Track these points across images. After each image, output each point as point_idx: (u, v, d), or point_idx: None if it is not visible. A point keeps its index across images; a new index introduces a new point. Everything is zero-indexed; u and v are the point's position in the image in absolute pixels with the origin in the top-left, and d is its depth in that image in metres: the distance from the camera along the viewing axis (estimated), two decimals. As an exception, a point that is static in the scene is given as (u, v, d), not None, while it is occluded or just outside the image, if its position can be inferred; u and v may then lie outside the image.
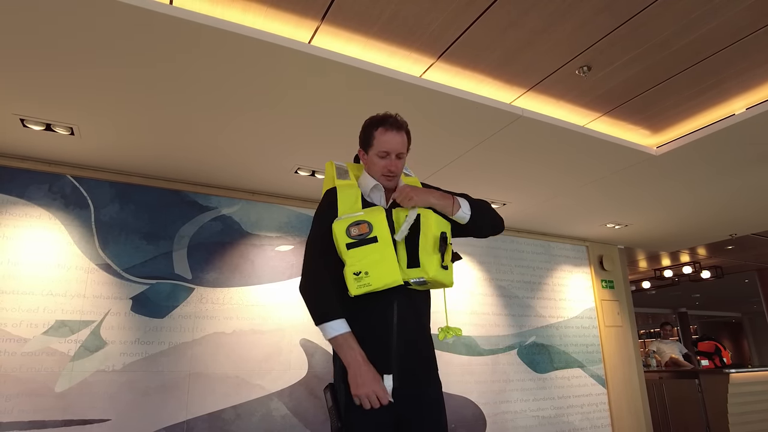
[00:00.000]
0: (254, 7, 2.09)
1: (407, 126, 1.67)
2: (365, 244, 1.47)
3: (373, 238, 1.47)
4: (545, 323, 4.87)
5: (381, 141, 1.61)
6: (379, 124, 1.63)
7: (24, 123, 2.72)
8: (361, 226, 1.48)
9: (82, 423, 2.90)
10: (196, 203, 3.60)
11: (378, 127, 1.63)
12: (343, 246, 1.47)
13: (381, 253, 1.46)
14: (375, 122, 1.65)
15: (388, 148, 1.61)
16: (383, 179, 1.64)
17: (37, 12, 1.89)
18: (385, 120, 1.63)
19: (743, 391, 5.38)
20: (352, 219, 1.50)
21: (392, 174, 1.64)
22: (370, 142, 1.64)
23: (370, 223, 1.49)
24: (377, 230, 1.49)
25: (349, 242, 1.47)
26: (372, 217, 1.51)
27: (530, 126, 2.88)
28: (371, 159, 1.65)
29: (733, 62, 2.49)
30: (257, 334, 3.51)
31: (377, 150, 1.62)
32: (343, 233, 1.48)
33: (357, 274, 1.44)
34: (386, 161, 1.62)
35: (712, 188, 3.93)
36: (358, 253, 1.46)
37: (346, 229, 1.48)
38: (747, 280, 9.05)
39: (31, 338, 2.91)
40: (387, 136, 1.61)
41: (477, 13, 2.12)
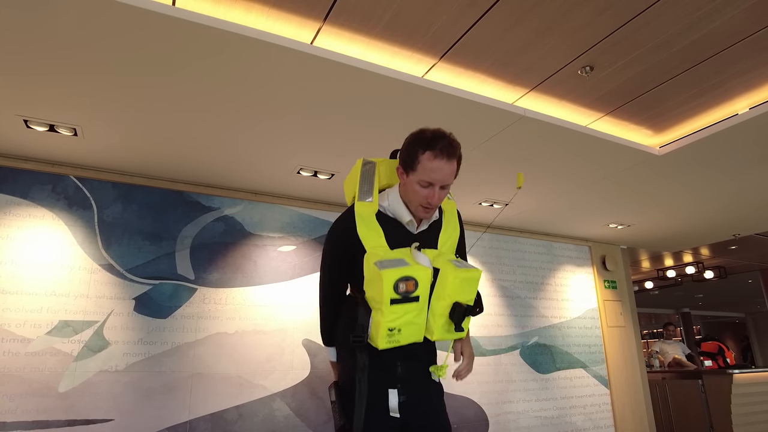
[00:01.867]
0: (257, 8, 2.09)
1: (460, 150, 1.43)
2: (408, 302, 1.36)
3: (416, 297, 1.37)
4: (548, 323, 4.86)
5: (427, 168, 1.38)
6: (428, 147, 1.38)
7: (27, 124, 2.73)
8: (408, 283, 1.34)
9: (85, 423, 2.90)
10: (199, 204, 3.61)
11: (426, 150, 1.38)
12: (386, 299, 1.33)
13: (417, 314, 1.38)
14: (423, 142, 1.39)
15: (433, 179, 1.39)
16: (420, 210, 1.45)
17: (39, 13, 1.90)
18: (434, 142, 1.38)
19: (747, 392, 5.36)
20: (402, 272, 1.33)
21: (432, 207, 1.44)
22: (412, 165, 1.40)
23: (417, 281, 1.35)
24: (421, 289, 1.37)
25: (394, 298, 1.34)
26: (420, 272, 1.36)
27: (532, 126, 2.87)
28: (410, 184, 1.42)
29: (736, 62, 2.49)
30: (260, 334, 3.52)
31: (420, 178, 1.39)
32: (390, 287, 1.33)
33: (391, 330, 1.36)
34: (428, 191, 1.40)
35: (715, 188, 3.92)
36: (399, 309, 1.35)
37: (395, 283, 1.33)
38: (750, 280, 9.02)
39: (34, 338, 2.92)
40: (435, 163, 1.37)
41: (479, 14, 2.12)
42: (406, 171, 1.44)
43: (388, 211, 1.50)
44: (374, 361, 1.42)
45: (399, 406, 1.43)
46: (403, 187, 1.48)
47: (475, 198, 4.05)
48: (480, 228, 4.77)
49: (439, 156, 1.37)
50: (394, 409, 1.44)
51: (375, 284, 1.36)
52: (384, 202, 1.51)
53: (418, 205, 1.45)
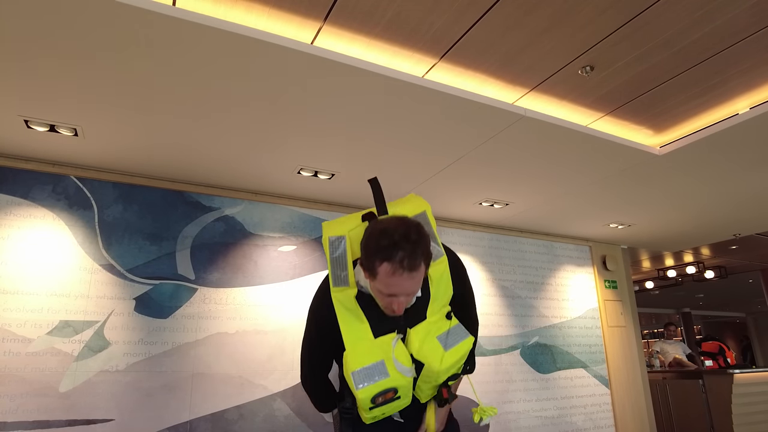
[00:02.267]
0: (257, 8, 2.09)
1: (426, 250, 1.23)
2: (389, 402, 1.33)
3: (397, 397, 1.33)
4: (548, 323, 4.86)
5: (385, 282, 1.23)
6: (386, 258, 1.19)
7: (28, 124, 2.73)
8: (387, 395, 1.29)
9: (86, 423, 2.91)
10: (200, 204, 3.61)
11: (383, 262, 1.20)
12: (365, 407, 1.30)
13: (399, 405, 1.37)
14: (381, 252, 1.20)
15: (393, 292, 1.25)
16: (386, 312, 1.34)
17: (41, 14, 1.90)
18: (393, 252, 1.19)
19: (747, 392, 5.36)
20: (378, 388, 1.27)
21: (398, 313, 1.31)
22: (372, 273, 1.24)
23: (396, 389, 1.30)
24: (402, 391, 1.32)
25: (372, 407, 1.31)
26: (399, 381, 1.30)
27: (533, 126, 2.87)
28: (374, 287, 1.29)
29: (736, 61, 2.48)
30: (260, 334, 3.52)
31: (381, 287, 1.25)
32: (368, 403, 1.29)
33: (374, 417, 1.36)
34: (391, 299, 1.27)
35: (715, 188, 3.92)
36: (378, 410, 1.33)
37: (372, 398, 1.28)
38: (751, 280, 9.01)
39: (35, 338, 2.92)
40: (393, 279, 1.21)
41: (480, 13, 2.12)
42: (366, 271, 1.28)
43: (364, 290, 1.37)
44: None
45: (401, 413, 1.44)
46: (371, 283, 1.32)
47: (476, 198, 4.05)
48: (480, 228, 4.77)
49: (399, 270, 1.19)
50: (396, 415, 1.44)
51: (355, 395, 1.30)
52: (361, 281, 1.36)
53: (384, 309, 1.33)
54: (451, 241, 4.57)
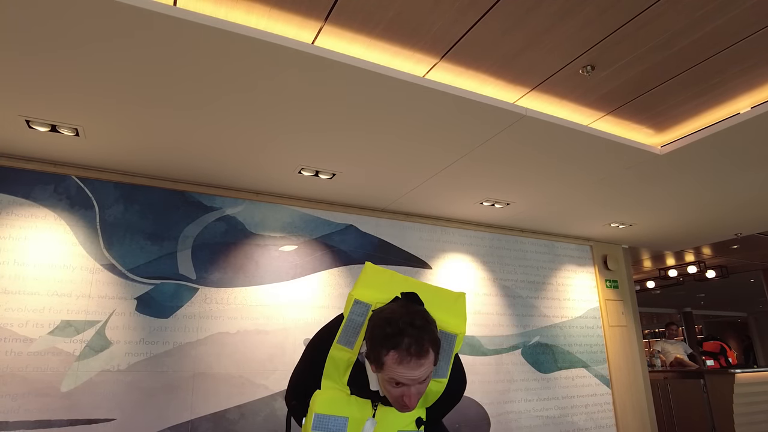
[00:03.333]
0: (258, 8, 2.09)
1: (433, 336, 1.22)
2: None
3: None
4: (549, 323, 4.86)
5: (393, 371, 1.19)
6: (392, 347, 1.17)
7: (29, 124, 2.74)
8: None
9: (87, 422, 2.91)
10: (201, 204, 3.61)
11: (389, 351, 1.18)
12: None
13: None
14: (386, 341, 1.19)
15: (403, 381, 1.20)
16: (396, 407, 1.27)
17: (42, 14, 1.90)
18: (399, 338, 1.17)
19: (749, 392, 5.36)
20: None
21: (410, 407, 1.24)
22: (378, 364, 1.22)
23: None
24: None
25: None
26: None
27: (533, 126, 2.87)
28: (382, 380, 1.26)
29: (738, 61, 2.48)
30: (261, 334, 3.52)
31: (389, 377, 1.21)
32: None
33: None
34: (402, 390, 1.22)
35: (716, 187, 3.92)
36: None
37: None
38: (753, 279, 9.00)
39: (36, 338, 2.93)
40: (401, 368, 1.18)
41: (480, 13, 2.12)
42: (373, 365, 1.25)
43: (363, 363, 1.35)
44: None
45: None
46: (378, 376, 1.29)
47: (477, 198, 4.05)
48: (481, 228, 4.77)
49: (406, 357, 1.17)
50: None
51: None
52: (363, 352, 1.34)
53: (394, 403, 1.27)
54: (452, 240, 4.57)
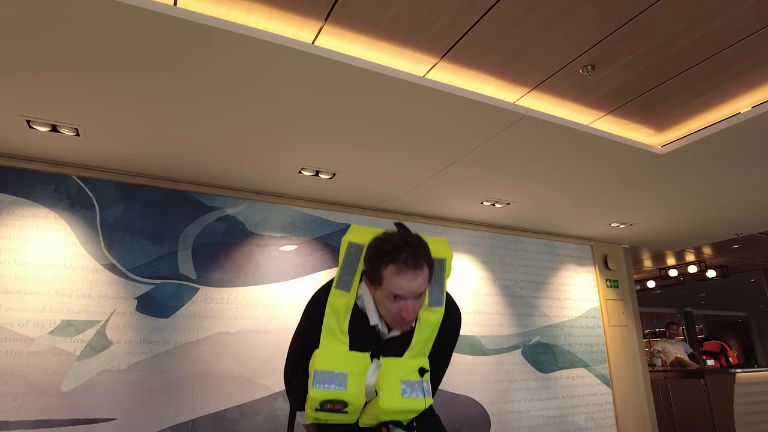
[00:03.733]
0: (258, 8, 2.09)
1: (428, 253, 1.28)
2: (335, 412, 1.33)
3: (345, 411, 1.33)
4: (549, 323, 4.86)
5: (392, 283, 1.24)
6: (391, 260, 1.23)
7: (30, 124, 2.74)
8: (336, 405, 1.30)
9: (88, 422, 2.91)
10: (201, 203, 3.61)
11: (388, 264, 1.23)
12: (312, 410, 1.32)
13: (345, 418, 1.36)
14: (385, 256, 1.25)
15: (401, 293, 1.24)
16: (395, 324, 1.32)
17: (43, 14, 1.90)
18: (397, 254, 1.23)
19: (749, 391, 5.36)
20: (330, 395, 1.29)
21: (408, 322, 1.29)
22: (377, 280, 1.27)
23: (346, 402, 1.30)
24: (351, 408, 1.31)
25: (318, 408, 1.31)
26: (352, 396, 1.31)
27: (534, 125, 2.87)
28: (380, 298, 1.30)
29: (738, 60, 2.48)
30: (262, 333, 3.52)
31: (387, 292, 1.26)
32: (317, 403, 1.30)
33: (317, 418, 1.36)
34: (400, 304, 1.26)
35: (717, 187, 3.92)
36: (324, 415, 1.34)
37: (321, 403, 1.30)
38: (753, 279, 9.00)
39: (37, 338, 2.93)
40: (401, 279, 1.23)
41: (480, 13, 2.12)
42: (372, 284, 1.30)
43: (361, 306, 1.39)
44: None
45: None
46: (374, 298, 1.34)
47: (477, 197, 4.05)
48: (482, 227, 4.77)
49: (404, 269, 1.22)
50: None
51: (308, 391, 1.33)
52: (361, 296, 1.40)
53: (392, 320, 1.32)
54: (453, 240, 4.57)
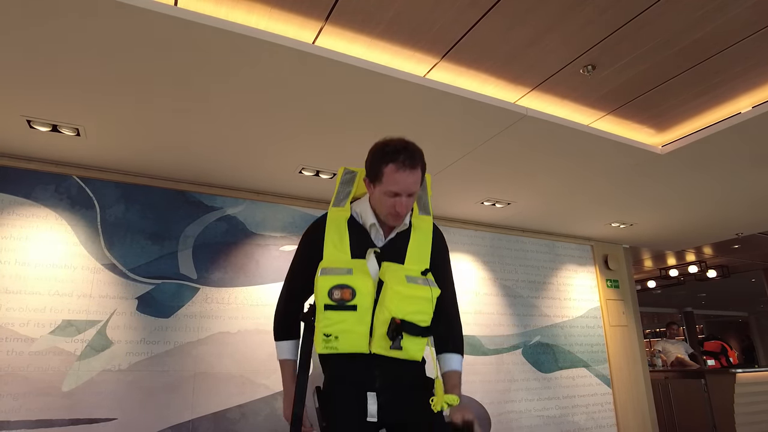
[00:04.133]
0: (258, 8, 2.09)
1: (423, 158, 1.48)
2: (344, 309, 1.38)
3: (353, 306, 1.38)
4: (550, 323, 4.86)
5: (391, 180, 1.42)
6: (391, 160, 1.42)
7: (30, 124, 2.74)
8: (344, 291, 1.38)
9: (88, 422, 2.91)
10: (201, 203, 3.61)
11: (389, 163, 1.42)
12: (321, 305, 1.38)
13: (356, 322, 1.38)
14: (386, 156, 1.43)
15: (398, 189, 1.42)
16: (390, 218, 1.48)
17: (43, 14, 1.90)
18: (397, 154, 1.42)
19: (750, 391, 5.35)
20: (337, 280, 1.38)
21: (400, 215, 1.46)
22: (378, 177, 1.45)
23: (354, 290, 1.38)
24: (359, 298, 1.38)
25: (328, 303, 1.38)
26: (359, 282, 1.39)
27: (534, 125, 2.87)
28: (378, 195, 1.47)
29: (738, 60, 2.48)
30: (262, 333, 3.52)
31: (386, 189, 1.43)
32: (324, 293, 1.38)
33: (327, 336, 1.38)
34: (395, 200, 1.44)
35: (717, 187, 3.91)
36: (333, 316, 1.38)
37: (329, 290, 1.38)
38: (754, 279, 8.99)
39: (38, 338, 2.93)
40: (399, 175, 1.41)
41: (481, 13, 2.12)
42: (372, 183, 1.49)
43: (359, 218, 1.54)
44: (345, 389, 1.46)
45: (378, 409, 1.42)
46: (372, 197, 1.52)
47: (477, 197, 4.05)
48: (482, 227, 4.77)
49: (402, 167, 1.41)
50: (372, 414, 1.42)
51: (316, 290, 1.42)
52: (357, 209, 1.56)
53: (387, 214, 1.48)
54: (453, 240, 4.57)
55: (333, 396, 1.48)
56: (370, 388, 1.45)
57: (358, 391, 1.45)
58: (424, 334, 1.43)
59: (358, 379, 1.46)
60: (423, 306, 1.42)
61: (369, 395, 1.43)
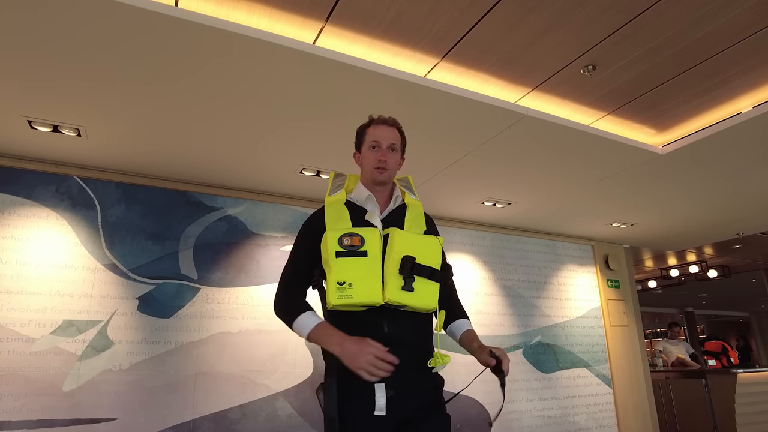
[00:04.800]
0: (259, 9, 2.10)
1: (400, 125, 1.69)
2: (355, 256, 1.44)
3: (364, 252, 1.44)
4: (550, 323, 4.86)
5: (371, 134, 1.64)
6: (371, 123, 1.68)
7: (31, 124, 2.74)
8: (353, 239, 1.46)
9: (89, 422, 2.92)
10: (202, 204, 3.62)
11: (369, 125, 1.67)
12: (332, 253, 1.43)
13: (368, 269, 1.43)
14: (366, 123, 1.69)
15: (378, 138, 1.62)
16: (375, 173, 1.60)
17: (42, 15, 1.90)
18: (375, 119, 1.68)
19: (751, 391, 5.35)
20: (346, 230, 1.48)
21: (384, 166, 1.59)
22: (361, 139, 1.67)
23: (363, 237, 1.46)
24: (369, 245, 1.45)
25: (339, 251, 1.43)
26: (367, 232, 1.48)
27: (535, 125, 2.87)
28: (364, 155, 1.66)
29: (739, 60, 2.48)
30: (263, 333, 3.53)
31: (368, 143, 1.63)
32: (335, 241, 1.44)
33: (341, 284, 1.40)
34: (378, 153, 1.61)
35: (718, 187, 3.91)
36: (345, 263, 1.42)
37: (339, 238, 1.45)
38: (755, 279, 8.98)
39: (39, 338, 2.93)
40: (378, 129, 1.64)
41: (481, 13, 2.12)
42: (358, 149, 1.68)
43: (354, 200, 1.63)
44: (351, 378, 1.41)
45: (387, 403, 1.39)
46: (361, 165, 1.68)
47: (478, 197, 4.05)
48: (483, 227, 4.77)
49: (381, 124, 1.64)
50: (380, 407, 1.39)
51: (324, 247, 1.47)
52: (351, 193, 1.67)
53: (373, 169, 1.60)
54: (453, 240, 4.57)
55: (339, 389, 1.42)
56: None
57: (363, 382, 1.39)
58: (433, 277, 1.48)
59: None
60: (431, 249, 1.52)
61: (377, 387, 1.39)
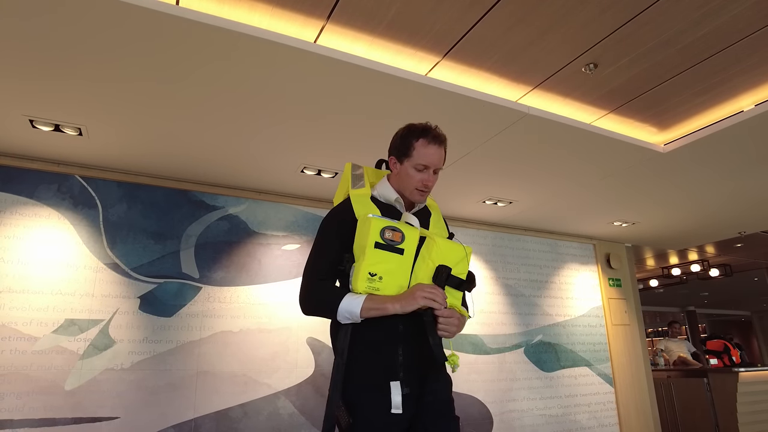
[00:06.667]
0: (260, 7, 2.10)
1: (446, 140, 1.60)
2: (392, 251, 1.43)
3: (401, 249, 1.44)
4: (552, 322, 4.86)
5: (422, 153, 1.52)
6: (421, 135, 1.54)
7: (33, 124, 2.75)
8: (395, 234, 1.44)
9: (91, 420, 2.92)
10: (203, 203, 3.62)
11: (419, 138, 1.54)
12: (372, 242, 1.41)
13: (400, 266, 1.44)
14: (416, 132, 1.55)
15: (428, 162, 1.52)
16: (416, 193, 1.56)
17: (45, 14, 1.91)
18: (427, 131, 1.54)
19: (752, 390, 5.34)
20: (391, 223, 1.45)
21: (427, 189, 1.55)
22: (407, 153, 1.55)
23: (404, 234, 1.45)
24: (407, 244, 1.45)
25: (379, 242, 1.42)
26: (407, 229, 1.47)
27: (536, 124, 2.87)
28: (405, 170, 1.55)
29: (741, 59, 2.47)
30: (264, 332, 3.53)
31: (416, 162, 1.53)
32: (377, 231, 1.42)
33: (372, 274, 1.41)
34: (424, 175, 1.54)
35: (720, 186, 3.90)
36: (381, 255, 1.42)
37: (382, 229, 1.43)
38: (756, 278, 8.97)
39: (41, 337, 2.94)
40: (429, 149, 1.52)
41: (483, 11, 2.12)
42: (400, 159, 1.57)
43: (380, 197, 1.61)
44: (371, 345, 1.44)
45: (403, 400, 1.40)
46: (396, 176, 1.59)
47: (479, 196, 4.05)
48: (484, 226, 4.77)
49: (432, 142, 1.53)
50: (396, 405, 1.40)
51: (363, 232, 1.44)
52: (376, 190, 1.63)
53: (414, 189, 1.55)
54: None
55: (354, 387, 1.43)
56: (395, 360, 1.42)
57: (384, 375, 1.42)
58: (460, 287, 1.50)
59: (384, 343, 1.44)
60: (462, 260, 1.52)
61: (393, 384, 1.41)
